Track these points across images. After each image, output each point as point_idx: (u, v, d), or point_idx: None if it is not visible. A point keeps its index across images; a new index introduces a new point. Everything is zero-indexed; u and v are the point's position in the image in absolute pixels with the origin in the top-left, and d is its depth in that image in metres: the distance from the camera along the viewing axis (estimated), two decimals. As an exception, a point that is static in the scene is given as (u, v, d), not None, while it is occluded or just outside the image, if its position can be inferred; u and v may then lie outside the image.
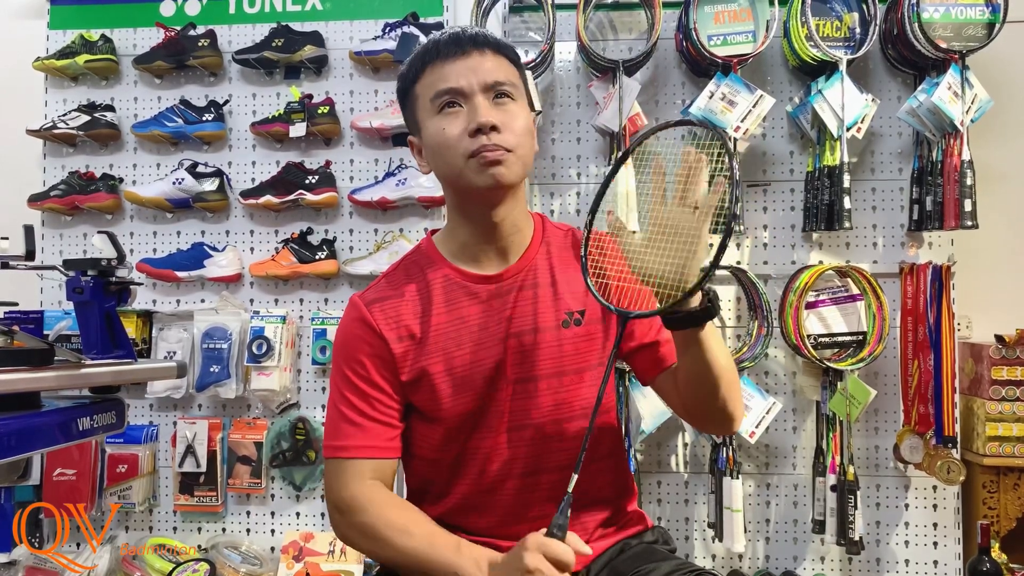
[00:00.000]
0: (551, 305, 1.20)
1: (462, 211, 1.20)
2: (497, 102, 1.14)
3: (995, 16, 2.20)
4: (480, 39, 1.16)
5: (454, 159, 1.13)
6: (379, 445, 1.18)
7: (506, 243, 1.21)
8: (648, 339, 1.23)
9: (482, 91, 1.13)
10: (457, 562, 1.06)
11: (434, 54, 1.15)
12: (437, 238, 1.27)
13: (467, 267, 1.22)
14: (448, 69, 1.14)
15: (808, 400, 2.38)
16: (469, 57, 1.14)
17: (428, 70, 1.15)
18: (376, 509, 1.14)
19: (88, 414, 1.27)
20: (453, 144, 1.12)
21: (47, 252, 2.59)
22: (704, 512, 2.40)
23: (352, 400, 1.19)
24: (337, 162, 2.54)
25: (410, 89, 1.19)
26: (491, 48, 1.16)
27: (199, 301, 2.56)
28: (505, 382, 1.18)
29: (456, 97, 1.13)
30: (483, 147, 1.10)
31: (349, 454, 1.17)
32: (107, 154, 2.61)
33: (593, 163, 2.48)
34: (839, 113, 2.18)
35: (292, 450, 2.44)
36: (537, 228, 1.27)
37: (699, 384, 1.13)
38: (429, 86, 1.15)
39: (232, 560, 2.41)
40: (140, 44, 2.61)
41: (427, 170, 1.21)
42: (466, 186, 1.14)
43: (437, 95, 1.14)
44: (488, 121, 1.10)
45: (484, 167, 1.11)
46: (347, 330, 1.23)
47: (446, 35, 1.16)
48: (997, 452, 2.23)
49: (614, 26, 2.49)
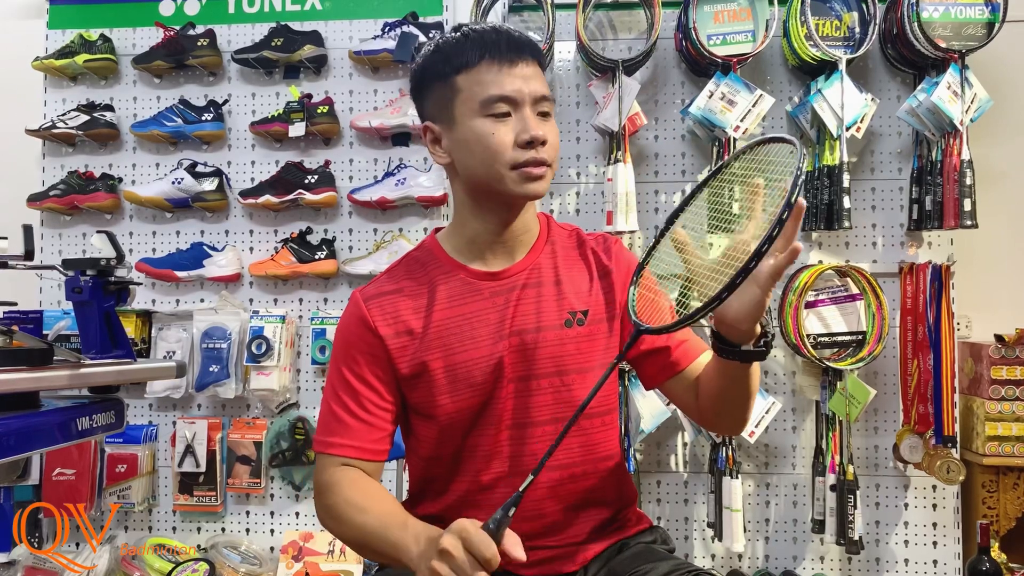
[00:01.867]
0: (554, 304, 1.21)
1: (479, 208, 1.20)
2: (542, 116, 1.15)
3: (994, 15, 2.20)
4: (533, 47, 1.17)
5: (498, 166, 1.13)
6: (364, 447, 1.18)
7: (515, 242, 1.22)
8: (659, 343, 1.23)
9: (531, 103, 1.14)
10: (401, 537, 1.05)
11: (494, 53, 1.13)
12: (442, 235, 1.28)
13: (471, 264, 1.22)
14: (506, 74, 1.13)
15: (808, 400, 2.38)
16: (526, 65, 1.14)
17: (483, 67, 1.13)
18: (339, 489, 1.15)
19: (87, 414, 1.27)
20: (501, 151, 1.12)
21: (46, 252, 2.59)
22: (703, 512, 2.40)
23: (343, 397, 1.20)
24: (336, 162, 2.54)
25: (450, 77, 1.15)
26: (534, 57, 1.17)
27: (198, 301, 2.56)
28: (506, 380, 1.18)
29: (508, 104, 1.13)
30: (533, 160, 1.12)
31: (334, 451, 1.18)
32: (106, 154, 2.61)
33: (592, 163, 2.48)
34: (838, 113, 2.18)
35: (291, 450, 2.43)
36: (543, 228, 1.27)
37: (728, 401, 1.15)
38: (481, 85, 1.13)
39: (231, 560, 2.41)
40: (139, 44, 2.61)
41: (444, 160, 1.20)
42: (501, 191, 1.15)
43: (491, 99, 1.12)
44: (543, 136, 1.12)
45: (527, 180, 1.13)
46: (344, 326, 1.23)
47: (504, 36, 1.15)
48: (997, 452, 2.23)
49: (613, 26, 2.49)
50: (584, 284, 1.23)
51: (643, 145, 2.46)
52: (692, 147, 2.46)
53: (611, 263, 1.26)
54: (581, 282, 1.23)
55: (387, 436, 1.21)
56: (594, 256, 1.27)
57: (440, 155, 1.21)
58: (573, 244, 1.28)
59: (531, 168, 1.12)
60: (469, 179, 1.18)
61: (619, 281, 1.25)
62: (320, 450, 1.19)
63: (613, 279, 1.25)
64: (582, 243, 1.29)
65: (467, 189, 1.20)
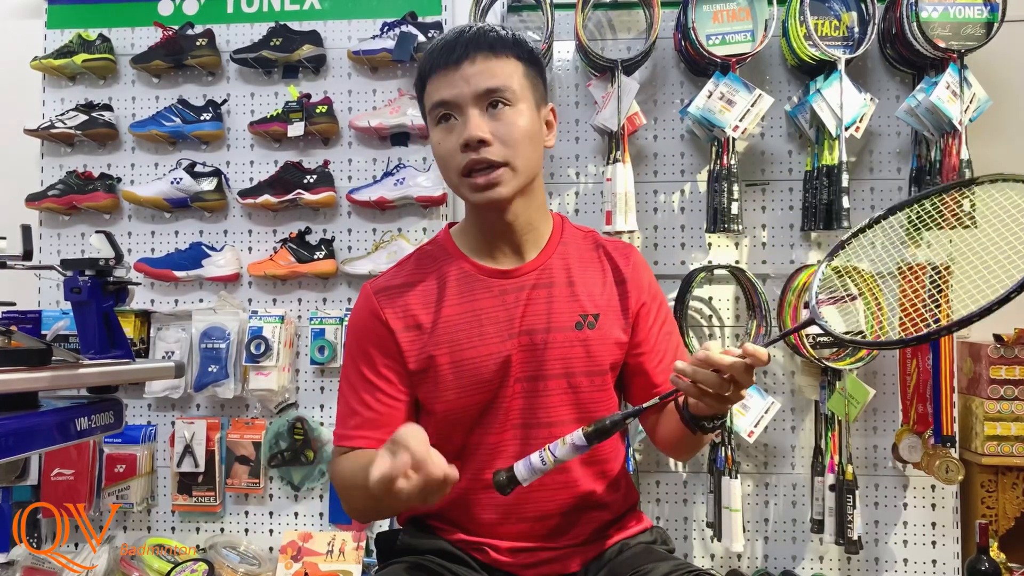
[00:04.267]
0: (566, 305, 1.20)
1: (475, 211, 1.21)
2: (492, 111, 1.12)
3: (993, 15, 2.20)
4: (475, 42, 1.13)
5: (450, 174, 1.15)
6: (381, 438, 1.18)
7: (520, 241, 1.22)
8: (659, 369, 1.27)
9: (474, 102, 1.11)
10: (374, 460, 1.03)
11: (441, 58, 1.14)
12: (455, 231, 1.28)
13: (483, 261, 1.22)
14: (440, 80, 1.13)
15: (807, 399, 2.38)
16: (460, 66, 1.12)
17: (436, 76, 1.14)
18: (338, 468, 1.19)
19: (86, 414, 1.27)
20: (448, 159, 1.13)
21: (45, 252, 2.58)
22: (703, 512, 2.40)
23: (359, 390, 1.21)
24: (335, 162, 2.54)
25: (422, 90, 1.19)
26: (487, 50, 1.13)
27: (197, 301, 2.55)
28: (513, 379, 1.18)
29: (450, 109, 1.13)
30: (472, 162, 1.11)
31: (351, 443, 1.20)
32: (105, 154, 2.61)
33: (592, 163, 2.48)
34: (837, 112, 2.18)
35: (290, 450, 2.43)
36: (556, 228, 1.27)
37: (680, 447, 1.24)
38: (429, 94, 1.16)
39: (230, 560, 2.40)
40: (138, 43, 2.61)
41: None
42: (464, 198, 1.17)
43: (433, 107, 1.14)
44: (475, 136, 1.09)
45: (473, 189, 1.13)
46: (356, 319, 1.24)
47: (440, 42, 1.15)
48: (996, 451, 2.23)
49: (613, 25, 2.49)
50: (597, 287, 1.24)
51: (642, 145, 2.46)
52: (691, 147, 2.46)
53: (629, 272, 1.26)
54: (594, 285, 1.23)
55: None
56: (611, 261, 1.27)
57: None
58: (588, 246, 1.28)
59: (475, 177, 1.11)
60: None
61: (634, 291, 1.25)
62: (339, 443, 1.21)
63: (629, 287, 1.25)
64: (599, 246, 1.28)
65: None
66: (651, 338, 1.26)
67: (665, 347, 1.27)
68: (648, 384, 1.26)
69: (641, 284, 1.26)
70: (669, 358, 1.26)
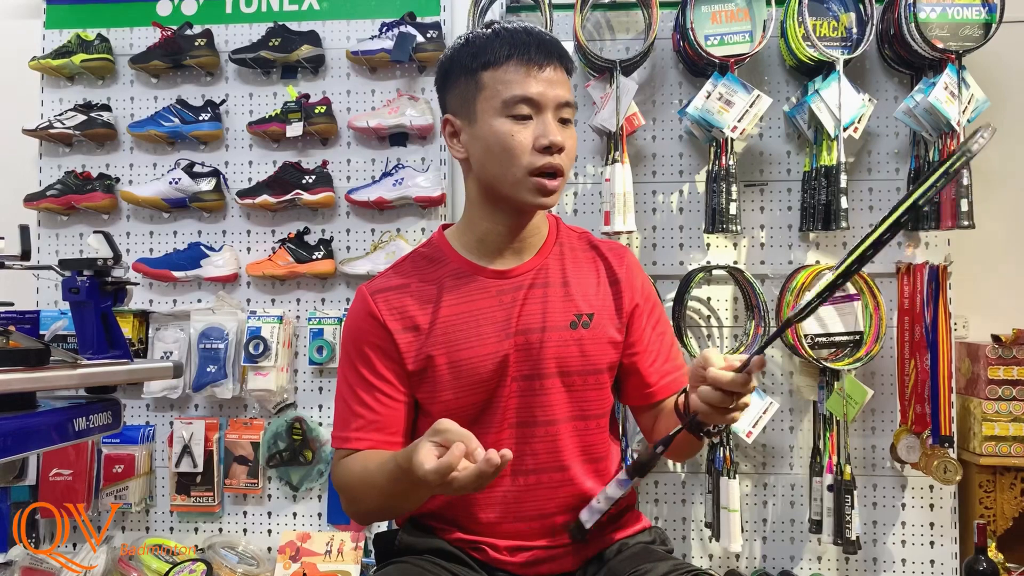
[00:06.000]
0: (561, 305, 1.21)
1: (490, 209, 1.21)
2: (562, 123, 1.15)
3: (991, 16, 2.20)
4: (562, 53, 1.16)
5: (515, 169, 1.13)
6: (381, 439, 1.19)
7: (524, 242, 1.23)
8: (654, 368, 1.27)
9: (554, 108, 1.13)
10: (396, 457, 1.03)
11: (522, 53, 1.13)
12: (450, 232, 1.28)
13: (479, 261, 1.23)
14: (532, 76, 1.12)
15: (805, 400, 2.38)
16: (553, 70, 1.14)
17: (510, 66, 1.13)
18: (344, 470, 1.18)
19: (84, 414, 1.27)
20: (518, 154, 1.12)
21: (43, 252, 2.58)
22: (701, 512, 2.40)
23: (358, 392, 1.21)
24: (334, 162, 2.54)
25: (476, 72, 1.15)
26: (558, 61, 1.16)
27: (196, 301, 2.55)
28: (510, 378, 1.19)
29: (532, 107, 1.13)
30: (548, 165, 1.12)
31: (351, 445, 1.19)
32: (103, 154, 2.60)
33: (590, 163, 2.48)
34: (836, 113, 2.18)
35: (289, 450, 2.43)
36: (552, 228, 1.28)
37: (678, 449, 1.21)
38: (505, 84, 1.13)
39: (229, 560, 2.40)
40: (136, 43, 2.61)
41: (461, 155, 1.20)
42: (513, 196, 1.15)
43: (514, 99, 1.12)
44: (561, 142, 1.12)
45: (540, 194, 1.13)
46: (353, 321, 1.24)
47: (535, 37, 1.14)
48: (994, 452, 2.23)
49: (611, 26, 2.49)
50: (591, 287, 1.24)
51: (641, 145, 2.46)
52: (690, 147, 2.46)
53: (622, 272, 1.27)
54: (588, 285, 1.24)
55: (403, 428, 1.22)
56: (604, 262, 1.28)
57: (457, 149, 1.21)
58: (582, 246, 1.29)
59: (545, 180, 1.12)
60: (484, 178, 1.18)
61: (628, 292, 1.26)
62: (338, 445, 1.21)
63: (622, 288, 1.25)
64: (593, 247, 1.29)
65: (480, 188, 1.21)
66: (644, 339, 1.27)
67: (658, 348, 1.28)
68: (641, 384, 1.27)
69: (635, 285, 1.27)
70: (663, 359, 1.28)
